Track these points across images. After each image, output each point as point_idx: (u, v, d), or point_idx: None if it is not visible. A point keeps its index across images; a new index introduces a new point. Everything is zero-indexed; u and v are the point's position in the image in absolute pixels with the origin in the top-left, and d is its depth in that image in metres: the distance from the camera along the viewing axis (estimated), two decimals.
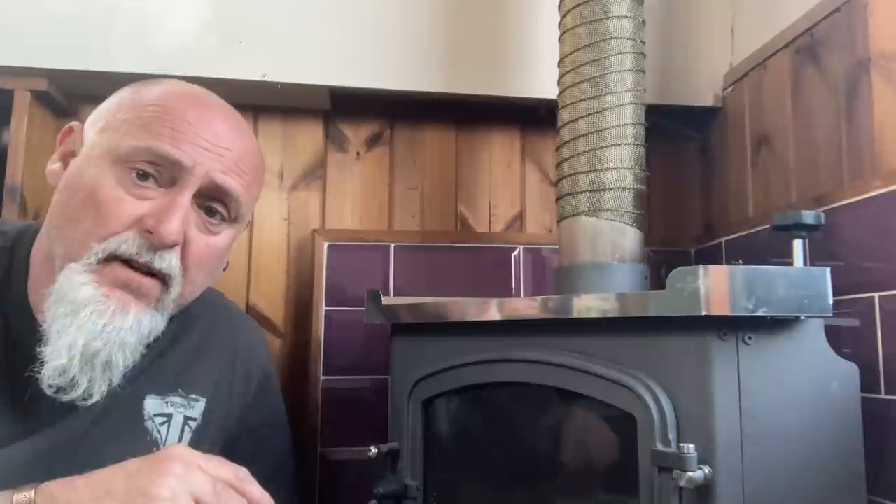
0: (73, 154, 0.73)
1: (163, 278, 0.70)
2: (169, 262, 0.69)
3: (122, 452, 0.75)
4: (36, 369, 0.66)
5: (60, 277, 0.67)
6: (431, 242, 1.31)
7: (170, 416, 0.81)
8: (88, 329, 0.65)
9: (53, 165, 0.74)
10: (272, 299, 1.30)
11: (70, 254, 0.67)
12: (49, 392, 0.66)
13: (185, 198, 0.69)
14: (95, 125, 0.73)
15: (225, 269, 0.83)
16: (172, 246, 0.69)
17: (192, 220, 0.71)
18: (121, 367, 0.69)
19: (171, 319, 0.81)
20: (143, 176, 0.68)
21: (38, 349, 0.66)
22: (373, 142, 1.37)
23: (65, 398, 0.67)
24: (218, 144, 0.71)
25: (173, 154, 0.68)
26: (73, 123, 0.75)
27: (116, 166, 0.68)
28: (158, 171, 0.68)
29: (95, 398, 0.68)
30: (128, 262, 0.68)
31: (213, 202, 0.73)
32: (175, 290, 0.71)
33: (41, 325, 0.69)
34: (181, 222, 0.68)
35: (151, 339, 0.72)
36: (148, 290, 0.69)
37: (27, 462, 0.69)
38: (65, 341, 0.65)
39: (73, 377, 0.66)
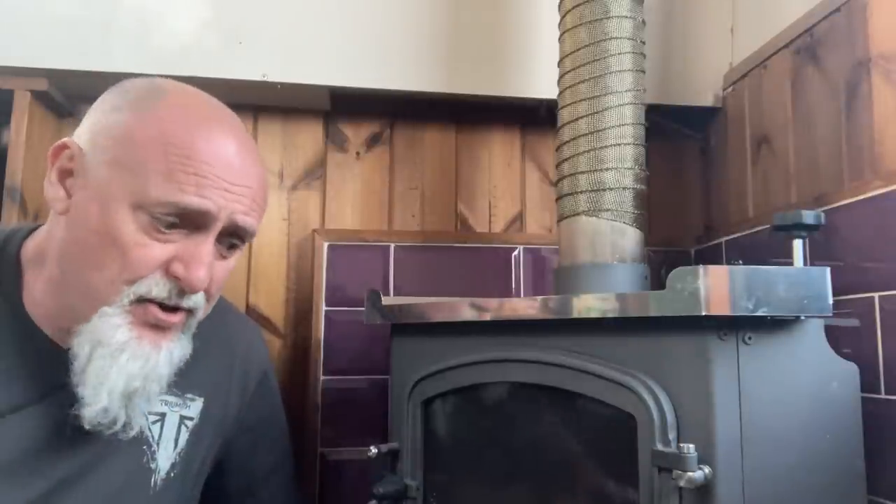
0: (70, 174, 0.71)
1: (189, 310, 0.72)
2: (196, 300, 0.71)
3: (114, 448, 0.76)
4: (74, 410, 0.68)
5: (95, 320, 0.67)
6: (431, 242, 1.31)
7: (163, 415, 0.81)
8: (128, 372, 0.68)
9: (54, 190, 0.71)
10: (272, 299, 1.30)
11: (101, 298, 0.68)
12: (89, 427, 0.69)
13: (210, 244, 0.70)
14: (101, 154, 0.69)
15: None
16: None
17: (213, 254, 0.72)
18: (156, 396, 0.72)
19: None
20: (165, 222, 0.68)
21: (46, 367, 0.69)
22: (373, 142, 1.37)
23: (107, 433, 0.69)
24: (238, 184, 0.70)
25: (201, 206, 0.67)
26: (67, 140, 0.72)
27: (139, 212, 0.67)
28: (180, 217, 0.68)
29: (135, 430, 0.71)
30: (159, 304, 0.69)
31: (233, 238, 0.74)
32: (199, 315, 0.74)
33: (42, 330, 0.71)
34: (209, 269, 0.70)
35: (182, 363, 0.73)
36: (176, 325, 0.71)
37: (20, 454, 0.70)
38: (107, 385, 0.67)
39: (115, 416, 0.69)
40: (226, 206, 0.69)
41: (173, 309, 0.70)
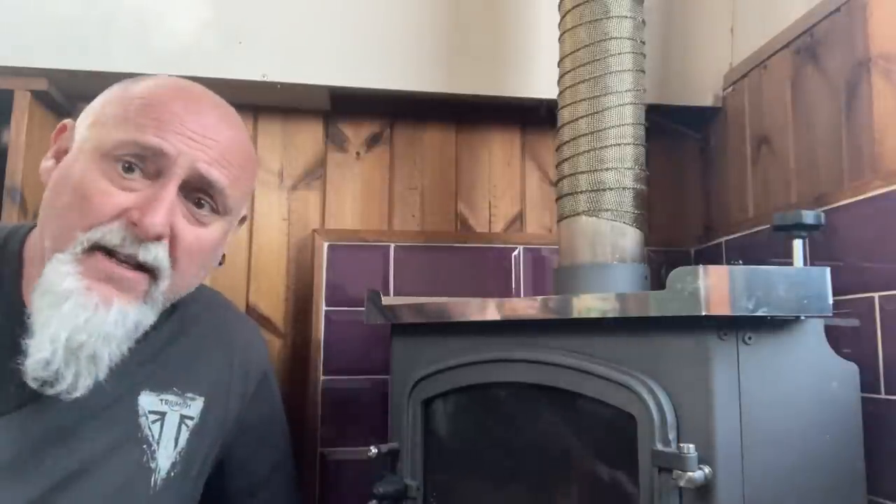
0: (66, 151, 0.73)
1: (151, 271, 0.69)
2: (155, 254, 0.68)
3: (113, 447, 0.76)
4: (19, 361, 0.65)
5: (47, 267, 0.67)
6: (431, 242, 1.30)
7: (163, 414, 0.81)
8: (71, 322, 0.65)
9: (47, 163, 0.74)
10: (272, 299, 1.30)
11: (56, 245, 0.67)
12: (34, 385, 0.66)
13: (169, 190, 0.68)
14: (85, 121, 0.73)
15: (221, 263, 0.83)
16: (158, 238, 0.68)
17: (180, 211, 0.71)
18: (106, 361, 0.68)
19: (170, 319, 0.82)
20: (129, 168, 0.68)
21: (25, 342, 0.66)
22: (373, 142, 1.37)
23: (50, 392, 0.66)
24: (203, 135, 0.70)
25: (156, 144, 0.67)
26: (67, 121, 0.75)
27: (103, 160, 0.68)
28: (144, 163, 0.68)
29: (80, 392, 0.67)
30: (112, 254, 0.67)
31: (200, 193, 0.72)
32: (164, 282, 0.71)
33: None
34: (166, 214, 0.68)
35: (140, 332, 0.71)
36: (133, 283, 0.69)
37: (20, 453, 0.69)
38: (48, 334, 0.65)
39: (58, 370, 0.65)
40: (187, 151, 0.69)
41: (132, 264, 0.68)
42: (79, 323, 0.65)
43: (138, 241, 0.67)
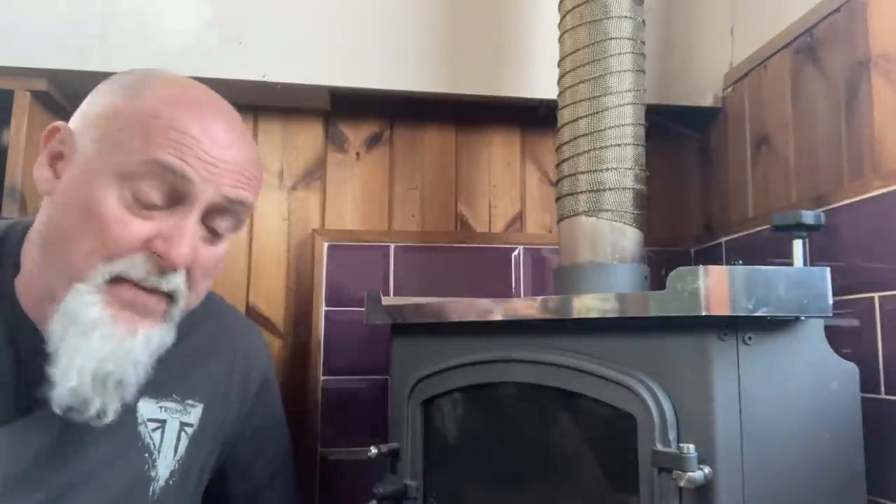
0: (61, 156, 0.70)
1: (169, 295, 0.70)
2: (176, 283, 0.69)
3: (115, 456, 0.75)
4: (45, 389, 0.65)
5: (68, 297, 0.66)
6: (431, 242, 1.31)
7: (164, 421, 0.80)
8: (100, 352, 0.65)
9: (42, 171, 0.71)
10: (272, 299, 1.30)
11: (75, 273, 0.66)
12: (59, 412, 0.66)
13: (193, 220, 0.68)
14: (89, 132, 0.69)
15: None
16: (182, 268, 0.68)
17: (199, 235, 0.71)
18: (133, 384, 0.69)
19: None
20: (148, 195, 0.67)
21: (45, 364, 0.66)
22: (373, 142, 1.37)
23: (78, 418, 0.67)
24: (222, 158, 0.69)
25: (181, 168, 0.66)
26: (59, 123, 0.72)
27: (120, 184, 0.66)
28: (163, 189, 0.67)
29: (110, 418, 0.68)
30: (135, 284, 0.67)
31: (219, 215, 0.72)
32: (181, 302, 0.71)
33: (38, 329, 0.69)
34: (191, 245, 0.68)
35: (162, 351, 0.71)
36: (154, 307, 0.69)
37: (21, 462, 0.68)
38: (76, 364, 0.65)
39: (86, 398, 0.66)
40: (210, 179, 0.68)
41: (151, 291, 0.68)
42: (106, 353, 0.66)
43: (162, 272, 0.67)
